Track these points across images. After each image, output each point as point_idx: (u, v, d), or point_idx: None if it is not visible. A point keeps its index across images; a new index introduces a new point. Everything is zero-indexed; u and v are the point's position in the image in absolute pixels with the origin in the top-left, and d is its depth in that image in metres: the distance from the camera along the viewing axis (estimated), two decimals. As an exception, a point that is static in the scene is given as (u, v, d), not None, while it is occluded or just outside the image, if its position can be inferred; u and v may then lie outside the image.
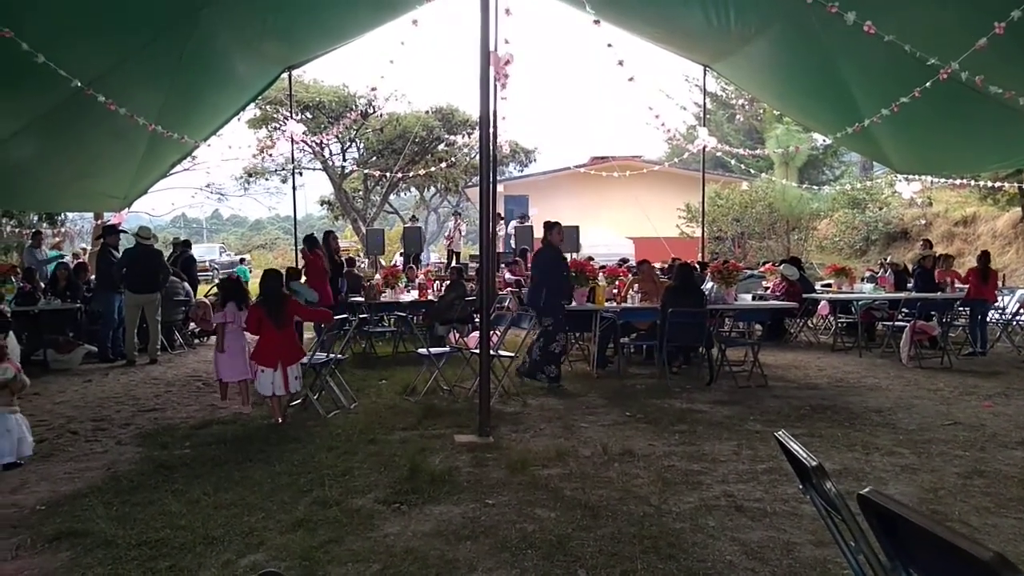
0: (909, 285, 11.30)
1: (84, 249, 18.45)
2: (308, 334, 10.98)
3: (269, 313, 6.14)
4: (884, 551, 1.57)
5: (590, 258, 11.31)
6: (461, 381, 7.43)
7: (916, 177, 13.85)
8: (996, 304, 10.64)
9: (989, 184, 16.07)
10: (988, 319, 10.36)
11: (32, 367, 8.54)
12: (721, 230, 21.78)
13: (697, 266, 11.00)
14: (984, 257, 10.21)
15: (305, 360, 6.41)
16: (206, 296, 12.84)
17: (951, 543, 1.23)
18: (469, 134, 25.23)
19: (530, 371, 7.66)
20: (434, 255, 23.77)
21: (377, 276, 11.55)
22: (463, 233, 19.20)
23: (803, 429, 5.78)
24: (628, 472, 4.71)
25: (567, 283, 7.95)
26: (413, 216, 24.59)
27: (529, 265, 12.00)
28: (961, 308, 10.12)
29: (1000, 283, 11.10)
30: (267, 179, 27.88)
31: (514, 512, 3.99)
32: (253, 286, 10.73)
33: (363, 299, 10.17)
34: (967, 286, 10.22)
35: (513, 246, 17.53)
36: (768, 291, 11.89)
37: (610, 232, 21.05)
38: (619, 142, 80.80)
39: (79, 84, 7.10)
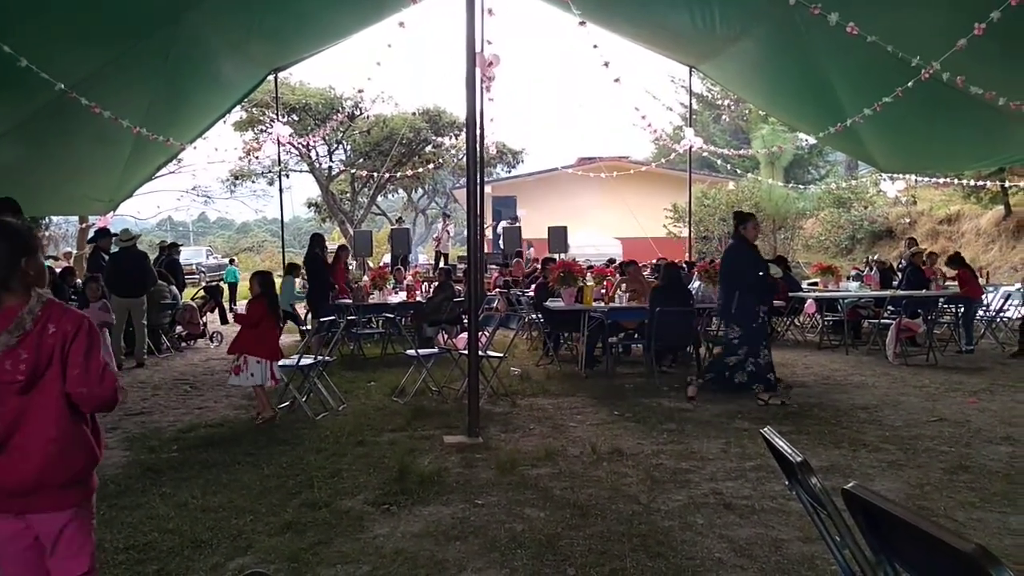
0: (894, 283, 11.38)
1: (68, 253, 18.31)
2: (293, 337, 10.95)
3: (271, 310, 6.28)
4: (869, 546, 1.58)
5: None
6: (450, 382, 7.42)
7: (900, 176, 14.00)
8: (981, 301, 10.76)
9: (972, 183, 16.25)
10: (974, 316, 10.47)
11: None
12: (708, 230, 21.89)
13: (684, 266, 11.04)
14: (958, 256, 10.34)
15: (292, 362, 6.42)
16: (192, 299, 12.78)
17: (934, 536, 1.24)
18: (456, 135, 25.24)
19: (740, 383, 6.69)
20: (422, 256, 23.72)
21: (365, 278, 11.53)
22: (451, 234, 19.19)
23: (790, 427, 5.81)
24: (617, 471, 4.72)
25: (763, 283, 6.65)
26: (400, 218, 24.54)
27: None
28: (947, 305, 10.20)
29: (984, 280, 11.20)
30: (254, 181, 27.81)
31: (503, 512, 4.00)
32: (243, 288, 10.70)
33: (351, 301, 10.16)
34: (955, 283, 10.30)
35: (502, 247, 17.51)
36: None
37: (598, 233, 21.15)
38: (606, 143, 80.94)
39: (63, 87, 7.05)
